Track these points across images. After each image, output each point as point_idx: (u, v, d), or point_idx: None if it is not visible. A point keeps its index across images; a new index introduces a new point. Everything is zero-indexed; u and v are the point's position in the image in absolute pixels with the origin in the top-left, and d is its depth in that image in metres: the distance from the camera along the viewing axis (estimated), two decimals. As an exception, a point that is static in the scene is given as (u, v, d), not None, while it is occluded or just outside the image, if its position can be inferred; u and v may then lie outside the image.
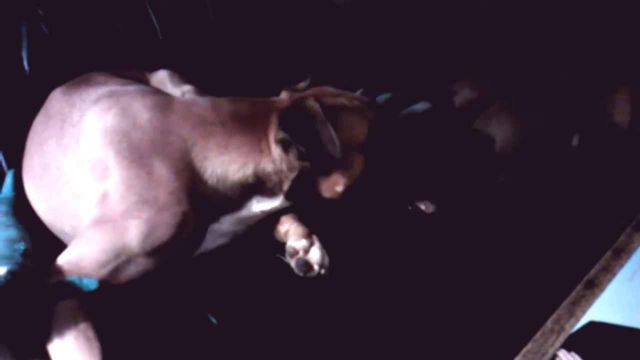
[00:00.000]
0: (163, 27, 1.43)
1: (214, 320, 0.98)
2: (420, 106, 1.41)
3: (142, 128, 0.99)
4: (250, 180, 1.02)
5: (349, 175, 1.05)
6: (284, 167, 1.02)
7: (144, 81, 1.27)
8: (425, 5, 1.79)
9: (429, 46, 1.71)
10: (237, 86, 1.39)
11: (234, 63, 1.50)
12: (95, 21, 1.35)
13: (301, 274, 1.05)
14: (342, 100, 1.07)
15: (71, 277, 0.87)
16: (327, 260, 1.06)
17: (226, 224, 1.06)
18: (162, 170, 0.96)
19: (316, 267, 1.05)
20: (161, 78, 1.26)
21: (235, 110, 1.05)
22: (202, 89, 1.24)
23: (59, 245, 1.03)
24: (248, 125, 1.03)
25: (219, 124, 1.02)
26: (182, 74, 1.28)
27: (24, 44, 1.26)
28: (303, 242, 1.07)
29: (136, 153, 0.97)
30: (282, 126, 0.99)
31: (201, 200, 0.98)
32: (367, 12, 1.74)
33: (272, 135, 1.02)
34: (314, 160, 1.01)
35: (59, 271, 0.89)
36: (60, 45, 1.29)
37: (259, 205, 1.06)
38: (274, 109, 1.05)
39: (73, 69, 1.25)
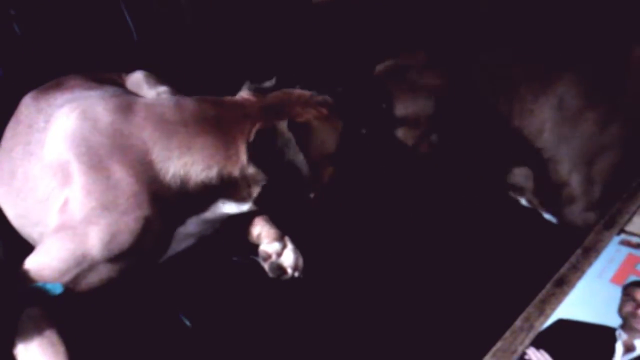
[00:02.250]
0: (138, 27, 1.42)
1: (187, 322, 0.98)
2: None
3: (101, 131, 0.98)
4: (215, 182, 1.00)
5: (319, 186, 1.05)
6: (255, 176, 1.01)
7: (120, 83, 1.26)
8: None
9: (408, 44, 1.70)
10: (214, 87, 1.39)
11: (211, 64, 1.50)
12: (69, 21, 1.34)
13: (275, 277, 1.05)
14: (312, 112, 1.05)
15: (36, 283, 0.87)
16: (301, 262, 1.06)
17: (191, 226, 1.05)
18: (120, 174, 0.95)
19: (290, 271, 1.05)
20: (136, 80, 1.25)
21: (199, 110, 1.02)
22: (178, 89, 1.24)
23: (32, 250, 1.02)
24: (213, 128, 1.00)
25: (182, 124, 1.00)
26: (158, 75, 1.27)
27: (-4, 45, 1.25)
28: (275, 246, 1.06)
29: (95, 157, 0.96)
30: (252, 159, 0.98)
31: (164, 203, 0.97)
32: (346, 11, 1.74)
33: (243, 157, 1.00)
34: (284, 186, 1.00)
35: (22, 279, 0.89)
36: (33, 46, 1.29)
37: (225, 207, 1.04)
38: (241, 115, 1.03)
39: (46, 69, 1.25)
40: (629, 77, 1.29)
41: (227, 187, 1.01)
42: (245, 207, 1.05)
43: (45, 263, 0.91)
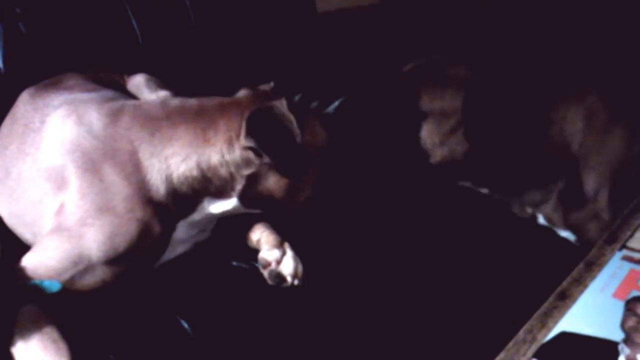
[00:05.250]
0: (143, 29, 1.42)
1: (186, 326, 0.97)
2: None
3: (94, 136, 0.98)
4: (195, 173, 0.98)
5: (310, 181, 1.03)
6: (237, 159, 0.98)
7: (121, 84, 1.26)
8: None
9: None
10: (217, 91, 1.39)
11: (215, 68, 1.50)
12: (73, 21, 1.34)
13: (274, 285, 1.04)
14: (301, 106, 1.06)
15: (33, 280, 0.86)
16: (300, 269, 1.05)
17: (181, 230, 1.04)
18: (112, 177, 0.95)
19: (289, 279, 1.04)
20: (138, 82, 1.25)
21: (182, 105, 1.02)
22: (180, 93, 1.23)
23: (27, 249, 1.01)
24: (194, 117, 0.99)
25: (165, 119, 0.99)
26: (161, 79, 1.27)
27: (0, 43, 1.24)
28: (275, 253, 1.05)
29: (89, 161, 0.96)
30: (250, 133, 0.94)
31: (155, 205, 0.97)
32: (352, 18, 1.75)
33: (224, 130, 0.98)
34: (279, 165, 0.98)
35: (19, 276, 0.89)
36: (38, 45, 1.28)
37: (211, 207, 1.02)
38: (226, 103, 1.02)
39: (50, 68, 1.24)
40: None
41: (209, 181, 0.99)
42: (230, 203, 1.02)
43: (42, 262, 0.91)
